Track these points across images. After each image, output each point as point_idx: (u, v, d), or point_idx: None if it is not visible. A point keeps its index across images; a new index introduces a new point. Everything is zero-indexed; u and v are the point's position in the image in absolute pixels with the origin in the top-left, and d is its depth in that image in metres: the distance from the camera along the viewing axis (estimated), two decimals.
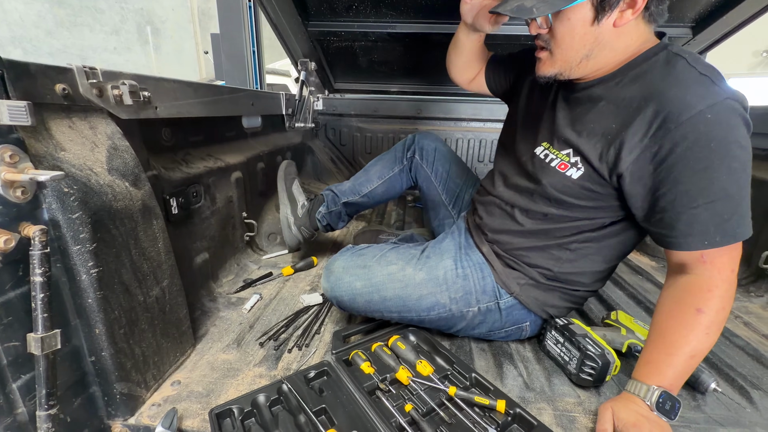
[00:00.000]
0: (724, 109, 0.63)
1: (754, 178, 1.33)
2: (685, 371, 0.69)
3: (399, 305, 0.93)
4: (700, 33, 1.57)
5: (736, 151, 0.63)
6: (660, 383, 0.68)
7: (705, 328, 0.67)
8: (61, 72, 0.65)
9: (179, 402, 0.77)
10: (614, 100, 0.74)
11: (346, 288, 0.94)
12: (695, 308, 0.68)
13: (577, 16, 0.69)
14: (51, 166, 0.59)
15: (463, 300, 0.92)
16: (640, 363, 0.74)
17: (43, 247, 0.55)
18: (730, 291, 0.68)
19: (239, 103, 1.37)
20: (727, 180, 0.64)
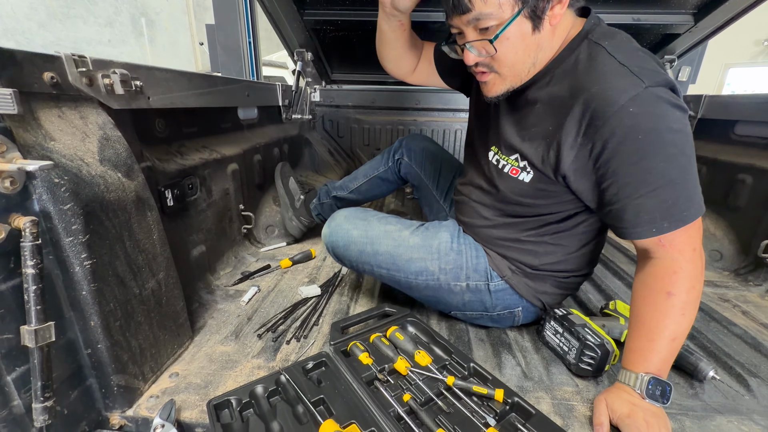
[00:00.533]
0: (646, 100, 0.62)
1: (755, 167, 1.33)
2: (669, 354, 0.69)
3: (389, 262, 0.95)
4: (701, 20, 1.54)
5: (669, 137, 0.63)
6: (647, 370, 0.69)
7: (680, 309, 0.68)
8: (49, 60, 0.63)
9: (177, 394, 0.77)
10: (548, 100, 0.75)
11: (343, 234, 0.99)
12: (665, 292, 0.68)
13: (515, 32, 0.68)
14: (40, 156, 0.58)
15: (452, 273, 0.93)
16: (625, 352, 0.74)
17: (34, 239, 0.54)
18: (696, 269, 0.68)
19: (234, 94, 1.35)
20: (665, 167, 0.64)
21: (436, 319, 1.07)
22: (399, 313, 0.98)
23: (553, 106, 0.73)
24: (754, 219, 1.32)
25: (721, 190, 1.46)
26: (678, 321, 0.68)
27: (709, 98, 1.55)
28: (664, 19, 1.57)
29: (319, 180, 2.08)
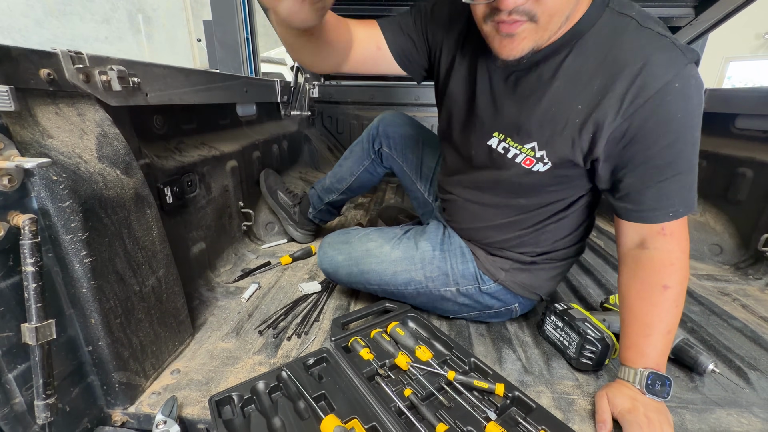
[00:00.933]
0: (687, 77, 0.59)
1: (755, 161, 1.32)
2: (665, 347, 0.70)
3: (377, 279, 0.98)
4: (702, 13, 1.53)
5: (697, 121, 0.62)
6: (646, 365, 0.69)
7: (674, 302, 0.68)
8: (46, 56, 0.63)
9: (179, 390, 0.77)
10: (570, 78, 0.66)
11: (329, 261, 1.03)
12: (662, 285, 0.68)
13: None
14: (38, 153, 0.58)
15: (439, 279, 0.93)
16: (622, 347, 0.74)
17: (33, 237, 0.54)
18: (686, 260, 0.69)
19: (233, 91, 1.34)
20: (691, 151, 0.63)
21: (437, 315, 1.07)
22: (399, 309, 0.98)
23: (579, 83, 0.66)
24: (755, 212, 1.32)
25: (721, 183, 1.46)
26: (673, 313, 0.68)
27: (710, 91, 1.54)
28: (665, 12, 1.56)
29: (319, 177, 2.07)
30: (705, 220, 1.49)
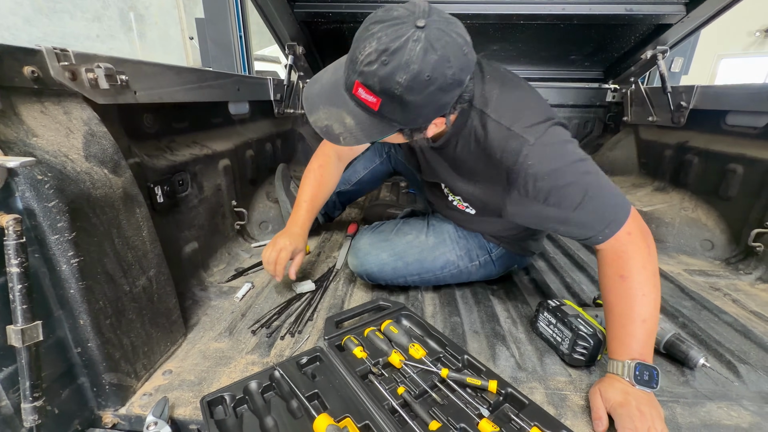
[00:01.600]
0: (537, 152, 0.74)
1: (745, 157, 1.34)
2: (646, 336, 0.73)
3: (419, 268, 1.11)
4: (693, 10, 1.54)
5: (569, 168, 0.75)
6: (631, 356, 0.71)
7: (638, 290, 0.72)
8: (30, 54, 0.62)
9: (171, 391, 0.77)
10: (465, 158, 0.88)
11: (374, 260, 1.11)
12: (618, 276, 0.74)
13: (393, 137, 0.76)
14: (22, 152, 0.57)
15: (467, 256, 1.12)
16: (608, 342, 0.77)
17: (18, 237, 0.53)
18: (640, 247, 0.74)
19: (224, 89, 1.33)
20: (576, 189, 0.74)
21: (431, 312, 1.07)
22: (393, 307, 0.98)
23: (472, 163, 0.87)
24: (745, 208, 1.33)
25: (712, 180, 1.47)
26: (640, 302, 0.72)
27: (701, 89, 1.55)
28: (657, 9, 1.56)
29: None
30: (697, 216, 1.50)
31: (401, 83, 0.61)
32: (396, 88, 0.62)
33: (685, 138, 1.64)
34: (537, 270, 1.32)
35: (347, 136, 0.70)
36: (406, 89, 0.62)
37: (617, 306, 0.74)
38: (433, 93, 0.64)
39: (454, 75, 0.64)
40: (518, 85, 0.85)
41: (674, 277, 1.26)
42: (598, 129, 2.42)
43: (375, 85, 0.63)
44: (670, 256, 1.45)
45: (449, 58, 0.62)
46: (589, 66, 2.22)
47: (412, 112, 0.66)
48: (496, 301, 1.13)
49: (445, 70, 0.62)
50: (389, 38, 0.59)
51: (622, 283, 0.73)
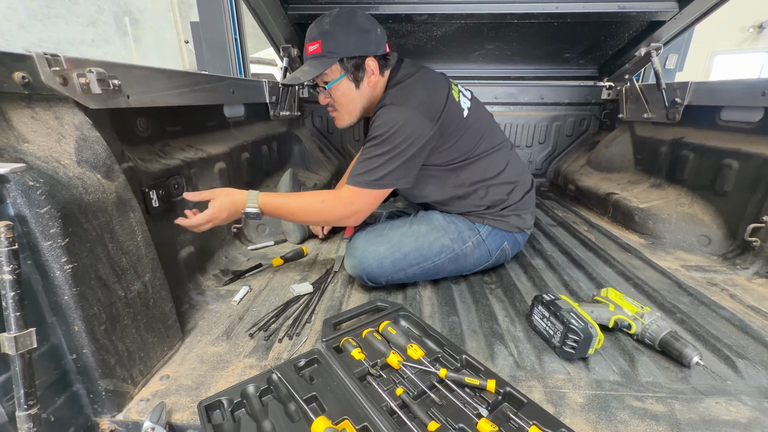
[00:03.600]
0: (387, 109, 1.02)
1: (740, 152, 1.34)
2: (277, 208, 1.05)
3: (417, 256, 1.13)
4: (686, 6, 1.55)
5: (384, 130, 1.00)
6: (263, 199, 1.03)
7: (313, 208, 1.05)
8: (20, 59, 0.61)
9: (168, 396, 0.76)
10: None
11: (372, 255, 1.12)
12: (321, 199, 1.05)
13: (344, 86, 1.07)
14: (12, 158, 0.56)
15: (459, 239, 1.17)
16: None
17: (9, 244, 0.53)
18: (334, 209, 1.05)
19: (219, 92, 1.32)
20: (374, 147, 1.02)
21: (429, 312, 1.07)
22: (391, 308, 0.98)
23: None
24: (741, 203, 1.33)
25: (708, 175, 1.47)
26: (305, 211, 1.06)
27: (695, 85, 1.56)
28: (649, 6, 1.57)
29: (311, 177, 2.06)
30: (693, 212, 1.50)
31: (328, 22, 1.02)
32: (325, 25, 1.01)
33: (681, 134, 1.65)
34: (534, 268, 1.32)
35: (304, 75, 1.03)
36: (332, 23, 1.01)
37: (298, 197, 1.08)
38: (352, 28, 1.02)
39: (362, 21, 1.03)
40: (414, 86, 1.07)
41: (671, 273, 1.26)
42: (594, 126, 2.42)
43: (314, 32, 1.03)
44: (667, 252, 1.45)
45: (357, 12, 1.04)
46: (583, 64, 2.23)
47: (341, 38, 1.01)
48: (494, 300, 1.13)
49: (354, 16, 1.03)
50: (320, 17, 1.04)
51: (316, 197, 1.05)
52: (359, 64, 1.04)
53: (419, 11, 1.63)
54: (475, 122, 1.14)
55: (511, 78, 2.35)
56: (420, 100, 1.02)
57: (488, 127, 1.19)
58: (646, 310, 0.92)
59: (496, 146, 1.19)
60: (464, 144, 1.12)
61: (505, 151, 1.22)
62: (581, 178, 2.15)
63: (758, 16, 6.45)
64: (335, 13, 1.03)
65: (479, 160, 1.16)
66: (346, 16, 1.02)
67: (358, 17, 1.03)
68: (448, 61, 2.25)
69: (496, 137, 1.20)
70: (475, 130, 1.14)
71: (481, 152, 1.16)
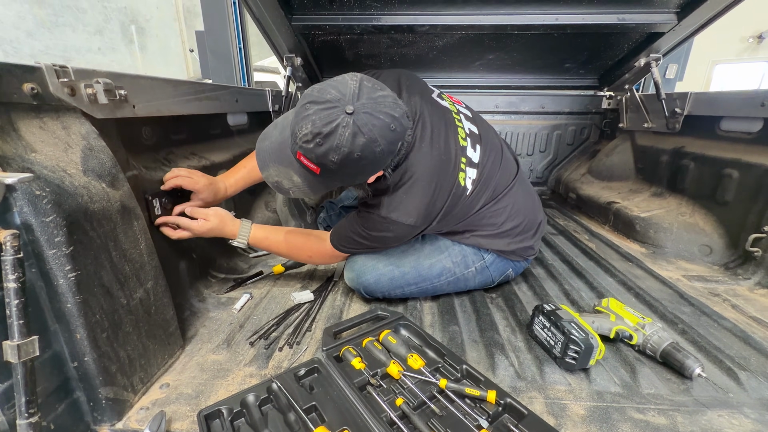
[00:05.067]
0: (378, 221, 0.97)
1: (741, 162, 1.34)
2: (263, 239, 1.12)
3: (415, 276, 1.11)
4: (684, 18, 1.56)
5: (370, 232, 0.99)
6: (254, 231, 1.10)
7: (299, 248, 1.13)
8: (29, 71, 0.63)
9: (168, 405, 0.76)
10: None
11: (371, 270, 1.11)
12: (308, 255, 1.14)
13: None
14: (20, 168, 0.57)
15: (462, 263, 1.13)
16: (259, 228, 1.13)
17: (15, 252, 0.54)
18: (317, 255, 1.13)
19: (223, 100, 1.34)
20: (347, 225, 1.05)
21: (429, 321, 1.07)
22: (392, 317, 0.98)
23: None
24: (742, 213, 1.33)
25: (709, 185, 1.48)
26: (286, 247, 1.13)
27: (695, 95, 1.57)
28: (648, 18, 1.59)
29: None
30: (694, 221, 1.50)
31: (334, 161, 0.74)
32: (330, 164, 0.74)
33: (681, 143, 1.65)
34: (535, 277, 1.32)
35: (296, 190, 0.84)
36: (339, 165, 0.75)
37: (289, 236, 1.13)
38: (365, 166, 0.78)
39: (382, 151, 0.76)
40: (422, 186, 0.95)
41: (673, 283, 1.26)
42: (594, 135, 2.43)
43: (313, 159, 0.75)
44: (668, 262, 1.45)
45: (376, 139, 0.74)
46: (583, 74, 2.24)
47: (347, 178, 0.83)
48: (495, 310, 1.13)
49: (373, 149, 0.74)
50: (322, 122, 0.71)
51: (308, 258, 1.17)
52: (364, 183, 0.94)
53: (421, 22, 1.65)
54: (478, 189, 1.04)
55: (512, 87, 2.36)
56: (419, 214, 0.94)
57: (493, 177, 1.08)
58: (647, 321, 0.92)
59: (499, 195, 1.09)
60: (461, 214, 1.05)
61: (509, 196, 1.11)
62: (582, 186, 2.15)
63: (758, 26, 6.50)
64: (346, 149, 0.72)
65: (478, 216, 1.08)
66: (361, 156, 0.74)
67: (378, 151, 0.75)
68: (449, 70, 2.27)
69: (499, 186, 1.09)
70: (477, 197, 1.05)
71: (481, 209, 1.07)
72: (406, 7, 1.62)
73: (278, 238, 1.12)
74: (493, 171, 1.09)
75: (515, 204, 1.12)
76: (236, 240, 1.09)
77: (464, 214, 1.06)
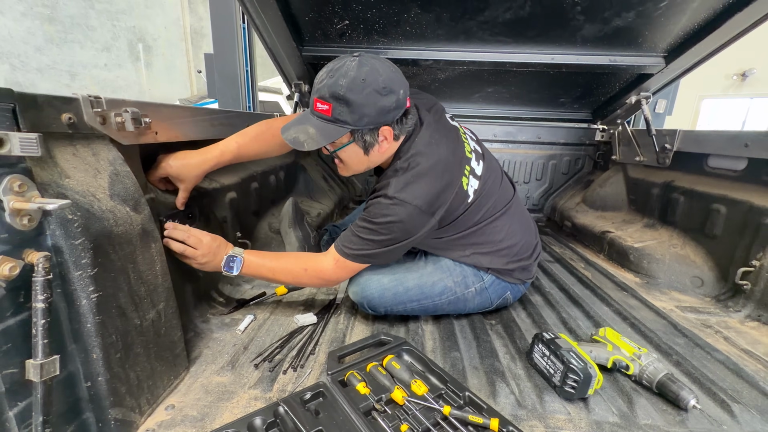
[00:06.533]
0: (384, 203, 0.99)
1: (728, 198, 1.41)
2: (256, 270, 1.08)
3: (418, 293, 1.15)
4: (672, 62, 1.67)
5: (377, 219, 1.00)
6: (246, 256, 1.07)
7: (293, 275, 1.10)
8: (67, 102, 0.67)
9: (173, 427, 0.77)
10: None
11: (375, 285, 1.15)
12: (303, 268, 1.09)
13: (351, 151, 1.02)
14: (56, 193, 0.61)
15: (462, 283, 1.17)
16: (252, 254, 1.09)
17: (46, 274, 0.56)
18: (314, 277, 1.10)
19: (235, 126, 1.39)
20: (360, 228, 1.03)
21: (431, 347, 1.09)
22: (395, 342, 1.00)
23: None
24: (730, 246, 1.39)
25: (698, 218, 1.54)
26: (284, 275, 1.10)
27: (683, 133, 1.66)
28: (638, 61, 1.70)
29: (314, 206, 2.11)
30: (685, 253, 1.55)
31: (343, 85, 0.88)
32: (340, 89, 0.89)
33: (671, 177, 1.73)
34: (533, 304, 1.35)
35: (309, 140, 0.95)
36: (347, 89, 0.89)
37: (282, 260, 1.11)
38: (371, 94, 0.90)
39: (385, 82, 0.90)
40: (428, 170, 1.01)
41: (667, 314, 1.29)
42: (588, 166, 2.52)
43: (325, 93, 0.91)
44: (662, 292, 1.49)
45: (379, 70, 0.90)
46: (577, 108, 2.35)
47: (356, 110, 0.91)
48: (495, 336, 1.15)
49: (376, 77, 0.89)
50: (333, 65, 0.92)
51: (302, 272, 1.09)
52: (372, 133, 0.97)
53: (425, 57, 1.74)
54: (479, 200, 1.11)
55: (509, 118, 2.47)
56: (425, 199, 0.98)
57: (490, 196, 1.15)
58: (643, 351, 0.95)
59: (495, 214, 1.15)
60: (462, 223, 1.11)
61: (505, 217, 1.18)
62: (577, 215, 2.22)
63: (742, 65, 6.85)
64: (353, 72, 0.88)
65: (476, 232, 1.14)
66: (366, 81, 0.88)
67: (380, 79, 0.89)
68: (450, 100, 2.37)
69: (498, 204, 1.16)
70: (474, 208, 1.11)
71: (479, 224, 1.13)
72: (412, 42, 1.72)
73: (273, 266, 1.09)
74: (493, 189, 1.17)
75: (512, 225, 1.19)
76: (224, 269, 1.05)
77: (464, 223, 1.11)
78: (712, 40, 1.51)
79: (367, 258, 1.05)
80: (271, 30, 1.59)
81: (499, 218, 1.16)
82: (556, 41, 1.64)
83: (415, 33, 1.65)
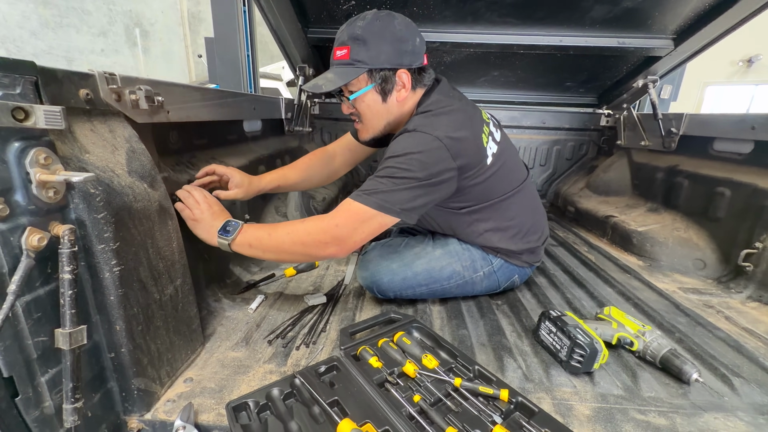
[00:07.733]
0: (407, 136, 0.95)
1: (732, 181, 1.42)
2: (250, 237, 0.95)
3: (427, 278, 1.17)
4: (681, 44, 1.66)
5: (400, 157, 0.92)
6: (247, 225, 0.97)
7: (291, 235, 0.94)
8: (84, 78, 0.67)
9: (193, 398, 0.79)
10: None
11: (385, 269, 1.17)
12: (306, 225, 0.96)
13: (369, 98, 1.02)
14: (77, 168, 0.62)
15: (471, 267, 1.19)
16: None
17: (71, 246, 0.57)
18: (322, 231, 0.93)
19: (242, 108, 1.39)
20: (385, 170, 0.93)
21: (439, 325, 1.11)
22: (404, 319, 1.02)
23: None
24: (733, 229, 1.41)
25: (702, 202, 1.55)
26: (284, 236, 0.94)
27: (690, 116, 1.66)
28: (647, 43, 1.68)
29: (319, 191, 2.12)
30: (688, 237, 1.57)
31: (360, 26, 0.94)
32: (357, 29, 0.94)
33: (676, 162, 1.73)
34: (538, 286, 1.37)
35: (327, 83, 0.97)
36: (364, 29, 0.94)
37: (288, 225, 0.97)
38: (386, 36, 0.94)
39: (400, 25, 0.95)
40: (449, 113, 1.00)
41: (669, 295, 1.32)
42: (592, 151, 2.52)
43: (345, 39, 0.96)
44: (665, 275, 1.51)
45: (395, 17, 0.96)
46: (583, 92, 2.34)
47: (373, 46, 0.94)
48: (501, 315, 1.17)
49: (392, 22, 0.95)
50: (353, 18, 0.97)
51: (304, 233, 0.94)
52: (389, 76, 0.97)
53: (432, 39, 1.73)
54: (495, 170, 1.07)
55: (514, 103, 2.46)
56: (446, 133, 0.92)
57: (508, 170, 1.13)
58: (647, 329, 0.97)
59: (511, 191, 1.14)
60: (477, 192, 1.07)
61: (519, 196, 1.17)
62: (580, 200, 2.23)
63: (747, 51, 6.76)
64: (370, 16, 0.94)
65: (491, 207, 1.12)
66: (382, 21, 0.94)
67: (396, 23, 0.94)
68: (455, 85, 2.34)
69: (514, 180, 1.15)
70: (493, 179, 1.07)
71: (494, 199, 1.11)
72: (419, 23, 1.67)
73: (271, 229, 0.97)
74: (511, 163, 1.15)
75: (523, 205, 1.20)
76: (218, 239, 0.95)
77: (482, 194, 1.08)
78: (723, 21, 1.50)
79: (380, 197, 0.90)
80: (276, 11, 1.57)
81: (512, 197, 1.15)
82: (564, 23, 1.63)
83: (422, 14, 1.63)
